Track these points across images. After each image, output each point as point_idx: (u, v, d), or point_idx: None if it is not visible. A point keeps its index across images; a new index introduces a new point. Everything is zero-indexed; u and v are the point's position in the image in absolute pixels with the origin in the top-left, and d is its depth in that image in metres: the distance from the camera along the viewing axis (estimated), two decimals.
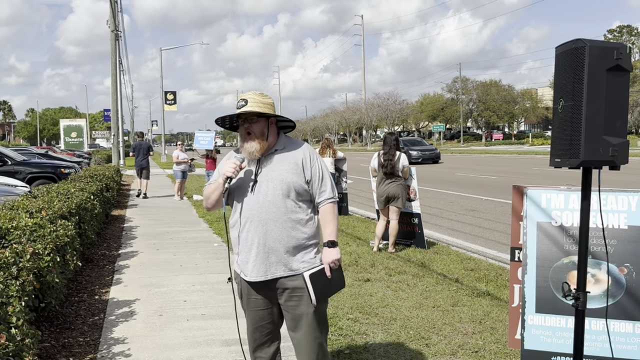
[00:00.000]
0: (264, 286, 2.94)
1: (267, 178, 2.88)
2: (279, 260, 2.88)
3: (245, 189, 2.92)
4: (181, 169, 15.78)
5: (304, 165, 2.91)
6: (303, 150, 2.97)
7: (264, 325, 3.03)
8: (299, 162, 2.91)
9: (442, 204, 13.61)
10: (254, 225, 2.88)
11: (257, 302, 3.00)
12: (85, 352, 4.40)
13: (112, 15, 29.23)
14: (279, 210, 2.85)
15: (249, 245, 2.92)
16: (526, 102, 71.64)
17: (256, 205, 2.87)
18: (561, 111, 2.63)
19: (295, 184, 2.87)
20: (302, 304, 2.90)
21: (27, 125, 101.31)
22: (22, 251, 4.19)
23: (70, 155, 29.11)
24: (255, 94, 2.93)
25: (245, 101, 2.87)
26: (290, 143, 3.00)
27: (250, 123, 2.88)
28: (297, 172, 2.89)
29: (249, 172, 2.94)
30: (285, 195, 2.86)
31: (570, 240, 3.66)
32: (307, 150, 2.98)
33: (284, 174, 2.87)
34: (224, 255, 7.99)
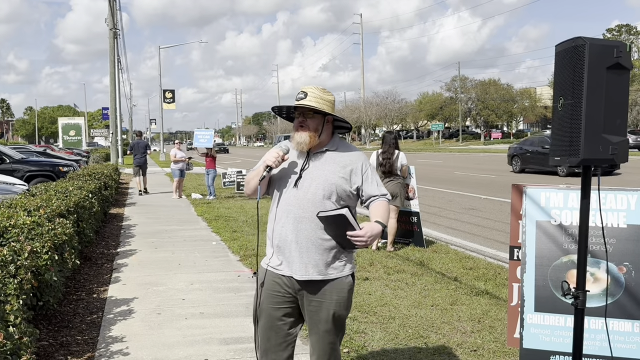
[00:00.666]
0: (288, 284, 2.83)
1: (312, 175, 2.79)
2: (310, 261, 2.77)
3: (288, 182, 2.83)
4: (179, 168, 15.80)
5: (353, 172, 2.82)
6: (357, 156, 2.89)
7: (280, 326, 2.86)
8: (349, 167, 2.83)
9: (441, 202, 13.61)
10: (289, 220, 2.78)
11: (277, 299, 2.85)
12: (84, 350, 4.39)
13: (111, 13, 29.19)
14: (316, 210, 2.74)
15: (281, 240, 2.83)
16: (525, 101, 71.65)
17: (295, 201, 2.78)
18: (561, 109, 2.63)
19: (339, 187, 2.78)
20: (323, 309, 2.80)
21: (25, 124, 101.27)
22: (20, 249, 4.18)
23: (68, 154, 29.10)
24: (317, 88, 2.82)
25: (305, 94, 2.78)
26: (344, 146, 2.91)
27: (305, 117, 2.80)
28: (344, 176, 2.80)
29: (295, 165, 2.85)
30: (326, 196, 2.76)
31: (570, 239, 3.65)
32: (362, 157, 2.91)
33: (330, 175, 2.78)
34: (223, 253, 7.98)
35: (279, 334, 2.86)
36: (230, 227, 10.22)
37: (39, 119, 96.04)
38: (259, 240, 3.27)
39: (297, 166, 2.84)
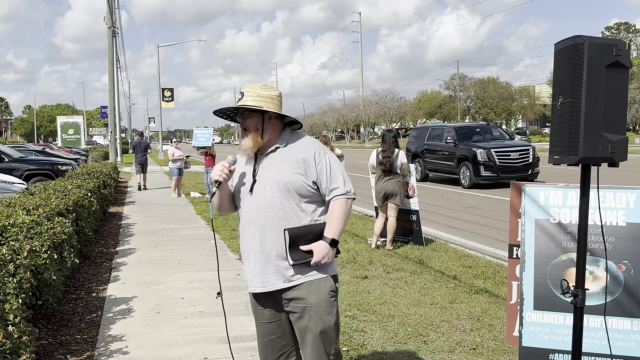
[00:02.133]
0: (267, 297, 2.69)
1: (265, 178, 2.63)
2: (277, 270, 2.61)
3: (245, 191, 2.69)
4: (177, 166, 15.82)
5: (307, 163, 2.61)
6: (307, 145, 2.67)
7: (274, 339, 2.73)
8: (301, 159, 2.62)
9: (440, 201, 13.62)
10: (251, 231, 2.65)
11: (264, 315, 2.73)
12: (83, 349, 4.39)
13: (109, 11, 29.14)
14: (275, 214, 2.59)
15: (247, 252, 2.70)
16: (524, 99, 71.69)
17: (253, 209, 2.64)
18: (560, 108, 2.63)
19: (294, 184, 2.59)
20: (305, 316, 2.63)
21: (24, 122, 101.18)
22: (19, 248, 4.18)
23: (67, 152, 29.07)
24: (256, 86, 2.68)
25: (242, 94, 2.66)
26: (295, 139, 2.71)
27: (244, 118, 2.66)
28: (298, 170, 2.60)
29: (248, 171, 2.71)
30: (283, 197, 2.59)
31: (569, 238, 3.65)
32: (312, 146, 2.67)
33: (282, 174, 2.60)
34: (222, 252, 7.98)
35: (275, 348, 2.75)
36: (229, 225, 10.21)
37: (38, 117, 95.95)
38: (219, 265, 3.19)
39: (250, 172, 2.71)
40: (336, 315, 2.67)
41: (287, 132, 2.74)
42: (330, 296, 2.64)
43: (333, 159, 2.69)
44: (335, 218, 2.62)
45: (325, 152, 2.68)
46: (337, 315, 2.67)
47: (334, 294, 2.67)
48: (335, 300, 2.67)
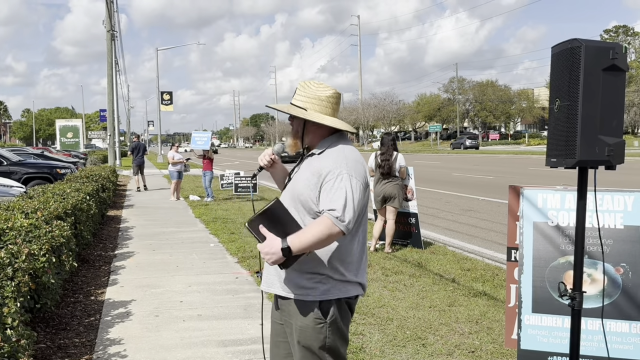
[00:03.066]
0: (276, 297, 2.57)
1: (292, 181, 2.53)
2: (277, 272, 2.48)
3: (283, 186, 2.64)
4: (177, 169, 15.83)
5: (319, 177, 2.37)
6: (331, 158, 2.40)
7: (281, 342, 2.60)
8: (318, 172, 2.38)
9: (438, 204, 13.62)
10: None
11: (275, 314, 2.62)
12: (81, 353, 4.39)
13: (108, 15, 29.18)
14: None
15: None
16: (522, 102, 71.85)
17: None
18: (557, 111, 2.63)
19: (301, 196, 2.41)
20: (292, 333, 2.48)
21: (22, 126, 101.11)
22: (18, 252, 4.18)
23: (66, 156, 29.03)
24: (309, 84, 2.52)
25: (295, 91, 2.52)
26: (333, 147, 2.47)
27: (291, 117, 2.55)
28: (311, 184, 2.39)
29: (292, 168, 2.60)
30: (293, 205, 2.44)
31: (567, 240, 3.66)
32: (333, 161, 2.39)
33: (299, 183, 2.46)
34: (220, 255, 7.98)
35: (280, 349, 2.63)
36: (228, 228, 10.21)
37: (37, 121, 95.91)
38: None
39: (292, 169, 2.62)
40: (324, 342, 2.42)
41: (332, 137, 2.51)
42: (315, 323, 2.41)
43: (348, 185, 2.33)
44: (308, 231, 2.29)
45: (342, 175, 2.34)
46: (325, 342, 2.43)
47: (320, 321, 2.41)
48: (324, 326, 2.41)
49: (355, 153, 2.49)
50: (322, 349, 2.44)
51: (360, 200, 2.36)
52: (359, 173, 2.39)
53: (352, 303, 2.51)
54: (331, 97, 2.51)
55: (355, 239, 2.45)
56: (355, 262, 2.47)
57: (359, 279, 2.49)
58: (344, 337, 2.50)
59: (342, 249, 2.41)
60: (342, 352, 2.51)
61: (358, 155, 2.49)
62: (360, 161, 2.46)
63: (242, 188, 15.58)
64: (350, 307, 2.51)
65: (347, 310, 2.49)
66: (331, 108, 2.52)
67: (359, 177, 2.38)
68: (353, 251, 2.45)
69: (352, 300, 2.50)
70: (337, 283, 2.42)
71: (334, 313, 2.43)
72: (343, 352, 2.52)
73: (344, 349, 2.53)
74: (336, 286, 2.42)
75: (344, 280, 2.43)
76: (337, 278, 2.42)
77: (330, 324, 2.43)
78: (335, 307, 2.43)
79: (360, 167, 2.42)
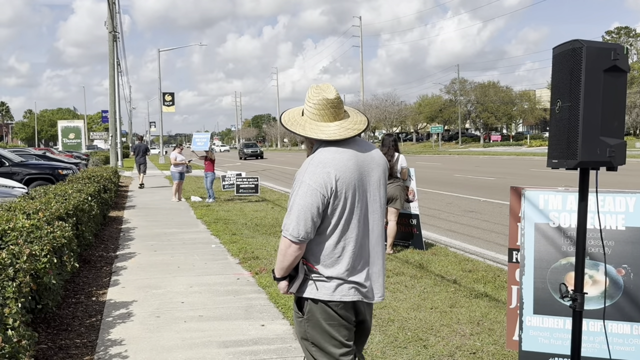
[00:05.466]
0: None
1: None
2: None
3: None
4: (179, 170, 15.85)
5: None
6: (300, 169, 2.56)
7: None
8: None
9: (440, 205, 13.61)
10: None
11: None
12: (82, 353, 4.39)
13: (110, 16, 29.21)
14: None
15: None
16: (524, 104, 71.74)
17: None
18: (558, 112, 2.63)
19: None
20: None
21: (24, 127, 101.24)
22: (19, 252, 4.18)
23: (68, 157, 29.08)
24: (310, 89, 2.63)
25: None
26: (311, 155, 2.62)
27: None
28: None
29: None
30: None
31: (568, 242, 3.65)
32: (301, 168, 2.54)
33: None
34: (222, 256, 7.98)
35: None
36: (229, 229, 10.21)
37: (39, 122, 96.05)
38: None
39: None
40: (305, 335, 2.61)
41: (316, 147, 2.60)
42: (296, 316, 2.65)
43: (300, 191, 2.46)
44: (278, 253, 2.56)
45: (295, 185, 2.51)
46: (307, 336, 2.60)
47: (297, 315, 2.63)
48: (302, 321, 2.60)
49: (326, 154, 2.50)
50: (305, 340, 2.63)
51: (304, 205, 2.42)
52: (312, 178, 2.44)
53: (332, 306, 2.54)
54: (316, 104, 2.56)
55: (325, 238, 2.50)
56: (332, 264, 2.52)
57: (338, 281, 2.52)
58: (329, 335, 2.56)
59: (313, 250, 2.52)
60: (330, 349, 2.57)
61: (330, 157, 2.49)
62: (325, 164, 2.46)
63: (243, 189, 15.59)
64: (334, 310, 2.54)
65: (327, 312, 2.54)
66: (319, 114, 2.55)
67: (310, 182, 2.44)
68: (325, 250, 2.51)
69: (333, 303, 2.53)
70: (314, 282, 2.54)
71: (310, 310, 2.56)
72: (332, 351, 2.57)
73: (334, 347, 2.58)
74: (311, 285, 2.54)
75: (321, 280, 2.53)
76: (313, 278, 2.54)
77: (307, 320, 2.58)
78: (310, 305, 2.56)
79: (318, 172, 2.45)
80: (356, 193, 2.51)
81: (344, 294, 2.53)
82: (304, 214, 2.43)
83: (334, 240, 2.50)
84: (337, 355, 2.59)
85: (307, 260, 2.54)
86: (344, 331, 2.58)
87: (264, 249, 8.26)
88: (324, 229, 2.49)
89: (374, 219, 2.61)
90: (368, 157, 2.60)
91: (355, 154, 2.54)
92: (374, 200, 2.60)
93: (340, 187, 2.45)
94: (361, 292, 2.57)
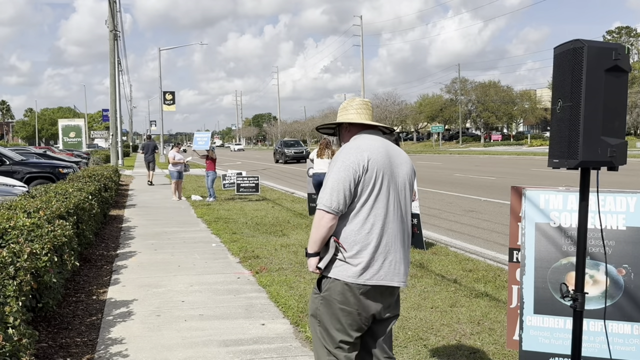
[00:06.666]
0: None
1: None
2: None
3: None
4: (177, 170, 15.87)
5: None
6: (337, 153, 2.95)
7: None
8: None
9: (440, 204, 13.61)
10: None
11: None
12: (83, 352, 4.39)
13: (111, 15, 29.22)
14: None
15: None
16: (525, 103, 71.71)
17: None
18: (559, 112, 2.63)
19: None
20: None
21: (25, 125, 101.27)
22: (20, 251, 4.18)
23: (68, 155, 29.06)
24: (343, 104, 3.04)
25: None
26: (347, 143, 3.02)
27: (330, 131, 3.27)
28: None
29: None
30: None
31: (569, 241, 3.65)
32: (336, 155, 2.87)
33: None
34: (222, 255, 7.99)
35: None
36: (230, 229, 10.21)
37: (39, 120, 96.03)
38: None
39: None
40: (315, 311, 2.81)
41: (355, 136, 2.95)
42: (314, 292, 2.87)
43: (335, 168, 2.73)
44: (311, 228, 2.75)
45: (336, 158, 2.78)
46: (316, 312, 2.80)
47: (315, 292, 2.84)
48: (317, 297, 2.81)
49: (360, 141, 2.80)
50: (314, 316, 2.83)
51: (337, 179, 2.66)
52: (347, 156, 2.72)
53: (354, 288, 2.68)
54: (357, 105, 2.95)
55: (355, 217, 2.68)
56: (360, 244, 2.67)
57: (364, 262, 2.67)
58: (336, 319, 2.72)
59: (343, 230, 2.70)
60: (332, 332, 2.74)
61: (364, 142, 2.79)
62: (359, 147, 2.75)
63: (244, 188, 15.59)
64: (354, 293, 2.68)
65: (344, 295, 2.68)
66: (358, 114, 2.93)
67: (344, 160, 2.70)
68: (354, 230, 2.68)
69: (356, 286, 2.68)
70: (341, 264, 2.69)
71: (329, 289, 2.73)
72: (334, 334, 2.74)
73: (336, 332, 2.73)
74: (338, 266, 2.70)
75: (347, 263, 2.68)
76: (340, 258, 2.69)
77: (323, 298, 2.76)
78: (330, 284, 2.72)
79: (352, 152, 2.73)
80: (385, 177, 2.73)
81: (368, 279, 2.68)
82: (337, 186, 2.65)
83: (362, 220, 2.68)
84: (337, 340, 2.74)
85: (337, 239, 2.70)
86: (352, 320, 2.72)
87: (264, 248, 8.26)
88: (354, 208, 2.69)
89: (403, 206, 2.84)
90: (397, 152, 2.87)
91: (386, 145, 2.82)
92: (403, 189, 2.84)
93: (372, 167, 2.69)
94: (384, 277, 2.71)
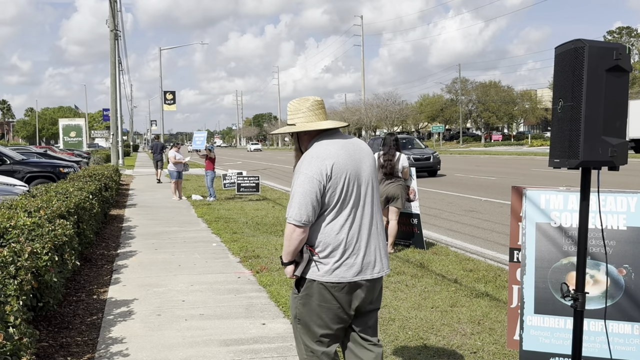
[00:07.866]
0: None
1: None
2: None
3: None
4: (177, 169, 15.89)
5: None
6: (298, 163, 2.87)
7: None
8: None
9: (441, 204, 13.61)
10: None
11: None
12: (83, 351, 4.40)
13: (112, 14, 29.22)
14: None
15: None
16: (525, 103, 71.71)
17: None
18: (560, 111, 2.63)
19: None
20: None
21: (26, 125, 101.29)
22: (21, 250, 4.18)
23: (69, 155, 29.08)
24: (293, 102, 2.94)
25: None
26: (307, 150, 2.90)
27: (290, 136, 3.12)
28: None
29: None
30: None
31: (569, 241, 3.65)
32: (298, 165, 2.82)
33: None
34: (223, 255, 7.99)
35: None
36: (230, 228, 10.22)
37: (40, 120, 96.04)
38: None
39: None
40: (295, 312, 2.87)
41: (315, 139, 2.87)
42: (293, 293, 2.91)
43: (298, 180, 2.72)
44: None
45: (299, 171, 2.74)
46: (295, 313, 2.87)
47: (294, 292, 2.87)
48: (296, 298, 2.85)
49: (319, 148, 2.76)
50: (294, 318, 2.89)
51: (303, 192, 2.67)
52: (309, 167, 2.70)
53: (329, 287, 2.73)
54: (311, 106, 2.86)
55: (325, 222, 2.72)
56: (332, 245, 2.72)
57: (338, 261, 2.72)
58: (317, 315, 2.78)
59: (314, 234, 2.74)
60: (313, 328, 2.82)
61: (323, 149, 2.74)
62: (319, 156, 2.72)
63: (244, 188, 15.59)
64: (330, 291, 2.74)
65: (322, 294, 2.74)
66: (314, 114, 2.86)
67: (307, 172, 2.70)
68: (324, 234, 2.72)
69: (330, 285, 2.73)
70: (316, 264, 2.75)
71: (306, 288, 2.78)
72: (314, 330, 2.80)
73: (317, 327, 2.80)
74: (313, 267, 2.75)
75: (321, 262, 2.74)
76: (315, 260, 2.75)
77: (301, 298, 2.81)
78: (308, 285, 2.78)
79: (314, 162, 2.71)
80: (351, 177, 2.74)
81: (341, 276, 2.73)
82: (304, 200, 2.67)
83: (332, 223, 2.72)
84: (318, 335, 2.81)
85: (310, 245, 2.75)
86: (333, 314, 2.78)
87: (264, 247, 8.26)
88: (323, 214, 2.73)
89: (371, 198, 2.83)
90: (357, 147, 2.86)
91: (345, 144, 2.81)
92: (370, 182, 2.84)
93: (335, 172, 2.70)
94: (358, 272, 2.75)
